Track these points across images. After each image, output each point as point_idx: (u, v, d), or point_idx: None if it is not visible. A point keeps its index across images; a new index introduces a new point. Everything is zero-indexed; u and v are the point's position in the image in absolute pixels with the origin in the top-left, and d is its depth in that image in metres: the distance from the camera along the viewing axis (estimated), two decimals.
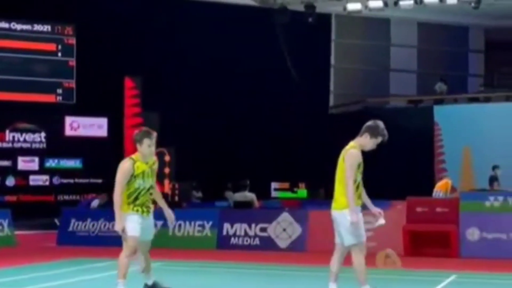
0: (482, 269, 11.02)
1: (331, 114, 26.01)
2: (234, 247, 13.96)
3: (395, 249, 11.24)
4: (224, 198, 18.31)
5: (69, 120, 22.58)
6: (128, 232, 7.51)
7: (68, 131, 22.58)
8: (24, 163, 22.02)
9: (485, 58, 28.55)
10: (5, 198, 21.16)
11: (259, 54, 23.54)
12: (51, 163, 22.34)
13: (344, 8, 23.98)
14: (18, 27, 22.19)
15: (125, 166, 7.59)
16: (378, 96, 25.69)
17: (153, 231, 7.91)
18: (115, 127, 21.90)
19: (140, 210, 7.62)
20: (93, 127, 22.79)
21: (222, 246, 14.07)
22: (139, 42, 22.11)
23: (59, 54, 22.54)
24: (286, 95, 23.91)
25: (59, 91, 22.55)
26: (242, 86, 23.35)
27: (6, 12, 21.60)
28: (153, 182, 7.78)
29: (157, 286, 7.95)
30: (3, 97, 21.45)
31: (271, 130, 23.57)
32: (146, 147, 7.66)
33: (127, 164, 7.61)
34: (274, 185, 21.39)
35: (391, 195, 15.40)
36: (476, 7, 22.63)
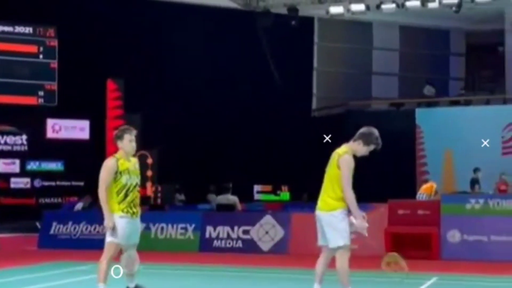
0: (463, 271, 11.10)
1: (313, 117, 26.07)
2: (217, 250, 13.95)
3: (377, 251, 11.29)
4: (207, 201, 18.30)
5: (50, 122, 22.46)
6: (108, 237, 7.50)
7: (50, 134, 22.45)
8: (5, 166, 21.86)
9: (466, 62, 28.77)
10: None
11: (241, 57, 23.56)
12: (33, 165, 22.20)
13: (327, 12, 24.08)
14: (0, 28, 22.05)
15: (108, 163, 7.60)
16: (361, 99, 25.79)
17: (139, 234, 7.89)
18: (97, 129, 21.81)
19: (130, 211, 7.59)
20: (75, 129, 22.69)
21: (205, 249, 14.06)
22: (121, 44, 22.02)
23: (41, 56, 22.41)
24: (269, 98, 23.94)
25: (41, 93, 22.42)
26: (225, 89, 23.34)
27: None
28: (138, 180, 7.77)
29: None
30: None
31: (254, 133, 23.57)
32: (127, 142, 7.65)
33: (110, 161, 7.62)
34: (257, 187, 21.43)
35: (373, 198, 15.46)
36: (457, 11, 22.82)
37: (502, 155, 21.54)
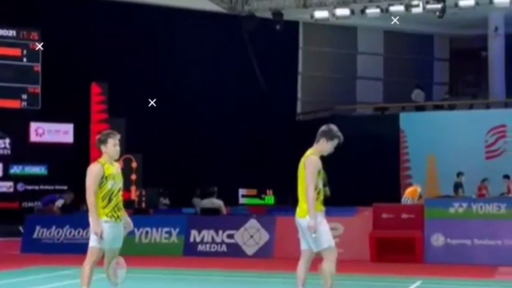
0: (447, 274, 11.15)
1: (298, 121, 26.11)
2: (201, 254, 13.92)
3: (361, 255, 11.30)
4: (192, 205, 18.26)
5: (34, 126, 22.30)
6: (91, 242, 7.47)
7: (33, 137, 22.29)
8: None
9: (449, 66, 28.97)
10: None
11: (226, 61, 23.57)
12: (16, 169, 22.03)
13: (312, 16, 24.17)
14: None
15: (94, 169, 7.55)
16: (345, 103, 25.88)
17: (122, 238, 7.86)
18: (81, 133, 21.69)
19: (115, 215, 7.57)
20: (58, 133, 22.54)
21: (189, 253, 14.02)
22: (106, 48, 21.93)
23: (24, 59, 22.25)
24: (253, 102, 23.95)
25: (24, 96, 22.25)
26: (210, 92, 23.33)
27: None
28: (121, 184, 7.75)
29: None
30: None
31: (239, 136, 23.57)
32: (111, 146, 7.62)
33: (96, 167, 7.57)
34: (241, 191, 21.39)
35: (357, 202, 15.54)
36: (441, 16, 22.99)
37: (486, 159, 21.71)
